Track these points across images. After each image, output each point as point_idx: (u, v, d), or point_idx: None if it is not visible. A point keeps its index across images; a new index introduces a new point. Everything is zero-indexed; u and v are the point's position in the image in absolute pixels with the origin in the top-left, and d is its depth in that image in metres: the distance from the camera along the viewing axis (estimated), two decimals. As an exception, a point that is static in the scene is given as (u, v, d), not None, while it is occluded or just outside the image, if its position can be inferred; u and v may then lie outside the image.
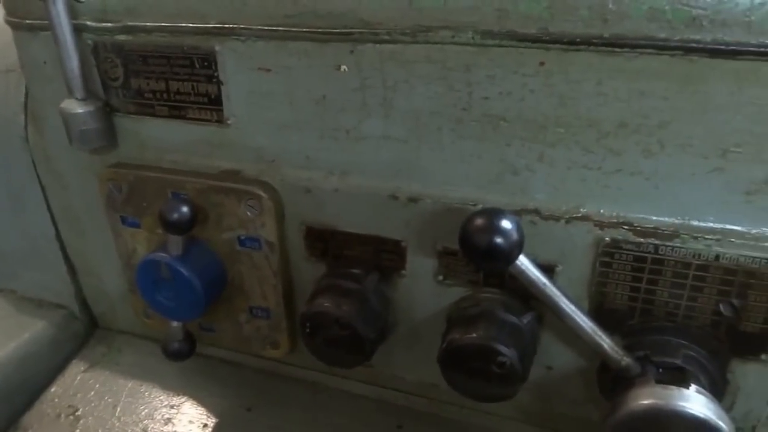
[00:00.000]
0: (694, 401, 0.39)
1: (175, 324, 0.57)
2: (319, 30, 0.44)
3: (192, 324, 0.59)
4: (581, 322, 0.41)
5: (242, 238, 0.53)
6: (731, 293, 0.41)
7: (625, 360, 0.42)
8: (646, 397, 0.40)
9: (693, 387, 0.40)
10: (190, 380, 0.65)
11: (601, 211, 0.42)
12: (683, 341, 0.43)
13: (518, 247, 0.38)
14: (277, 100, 0.48)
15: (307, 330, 0.50)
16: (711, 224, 0.40)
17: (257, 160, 0.51)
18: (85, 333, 0.72)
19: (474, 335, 0.44)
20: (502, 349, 0.43)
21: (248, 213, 0.51)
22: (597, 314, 0.45)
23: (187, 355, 0.58)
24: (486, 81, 0.41)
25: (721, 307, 0.42)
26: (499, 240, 0.37)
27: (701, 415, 0.38)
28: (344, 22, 0.43)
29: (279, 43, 0.45)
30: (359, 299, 0.49)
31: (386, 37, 0.42)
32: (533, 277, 0.40)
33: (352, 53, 0.44)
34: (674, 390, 0.39)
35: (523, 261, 0.39)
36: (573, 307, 0.41)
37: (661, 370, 0.42)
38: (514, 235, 0.38)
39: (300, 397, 0.62)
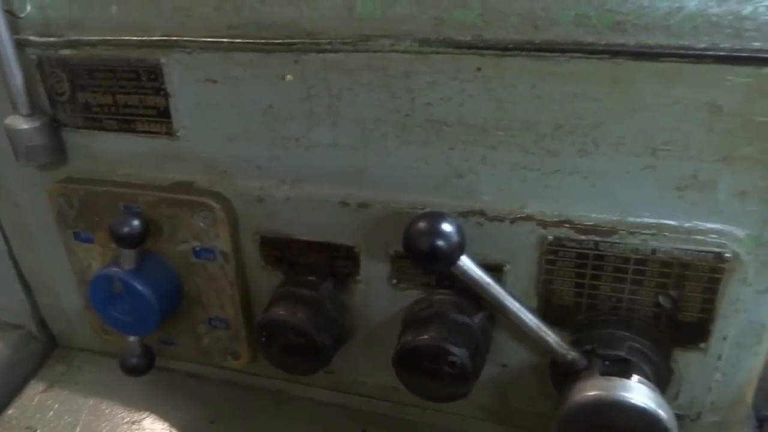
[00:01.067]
0: (636, 391, 0.40)
1: (132, 339, 0.56)
2: (263, 41, 0.44)
3: (151, 338, 0.58)
4: (526, 320, 0.43)
5: (197, 249, 0.53)
6: (669, 285, 0.43)
7: (571, 354, 0.43)
8: (589, 389, 0.41)
9: (635, 377, 0.41)
10: (153, 395, 0.65)
11: (544, 210, 0.43)
12: (627, 334, 0.45)
13: (459, 249, 0.39)
14: (226, 111, 0.48)
15: (264, 339, 0.51)
16: (646, 220, 0.42)
17: (209, 170, 0.51)
18: (43, 352, 0.71)
19: (425, 336, 0.45)
20: (453, 349, 0.44)
21: (202, 224, 0.51)
22: (545, 311, 0.46)
23: (146, 370, 0.58)
24: (427, 87, 0.42)
25: (660, 299, 0.43)
26: (440, 243, 0.38)
27: (642, 404, 0.39)
28: (287, 33, 0.43)
29: (224, 55, 0.46)
30: (314, 306, 0.49)
31: (328, 47, 0.43)
32: (476, 277, 0.41)
33: (297, 63, 0.44)
34: (617, 381, 0.41)
35: (465, 262, 0.40)
36: (517, 305, 0.42)
37: (606, 362, 0.43)
38: (455, 237, 0.39)
39: (263, 406, 0.62)
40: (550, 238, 0.43)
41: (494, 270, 0.45)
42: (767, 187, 0.39)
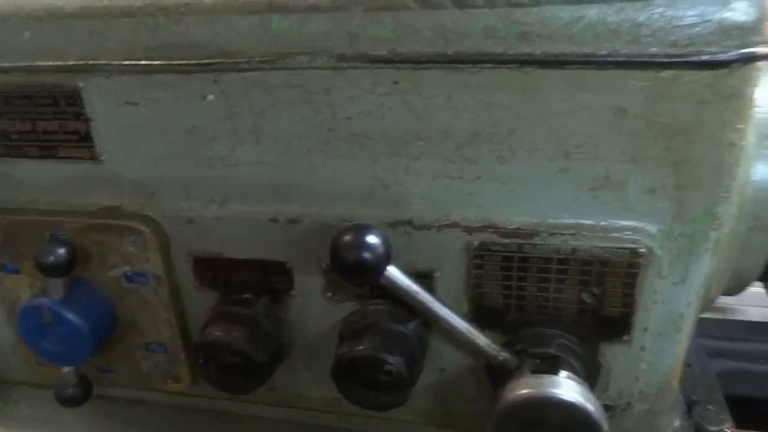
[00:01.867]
0: (564, 387, 0.42)
1: (66, 369, 0.55)
2: (182, 62, 0.44)
3: (88, 366, 0.57)
4: (456, 324, 0.44)
5: (129, 274, 0.52)
6: (591, 282, 0.44)
7: (502, 355, 0.44)
8: (519, 388, 0.42)
9: (564, 373, 0.43)
10: (94, 425, 0.63)
11: (468, 216, 0.45)
12: (555, 331, 0.46)
13: (385, 260, 0.40)
14: (149, 133, 0.48)
15: (201, 360, 0.50)
16: (565, 220, 0.43)
17: (136, 194, 0.50)
18: (-23, 389, 0.68)
19: (360, 347, 0.45)
20: (388, 357, 0.44)
21: (131, 248, 0.51)
22: (477, 314, 0.47)
23: (83, 400, 0.56)
24: (347, 102, 0.43)
25: (584, 296, 0.45)
26: (365, 255, 0.39)
27: (570, 399, 0.41)
28: (205, 53, 0.43)
29: (143, 77, 0.45)
30: (249, 324, 0.49)
31: (247, 66, 0.43)
32: (404, 286, 0.42)
33: (217, 83, 0.44)
34: (545, 378, 0.42)
35: (392, 272, 0.41)
36: (447, 311, 0.43)
37: (537, 360, 0.45)
38: (380, 249, 0.39)
39: (208, 427, 0.62)
40: (476, 243, 0.45)
41: (424, 277, 0.46)
42: (674, 184, 0.41)
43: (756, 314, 0.81)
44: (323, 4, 0.41)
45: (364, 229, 0.40)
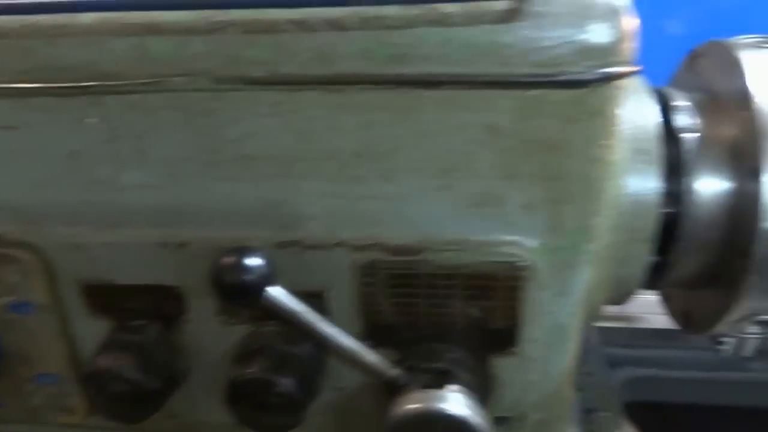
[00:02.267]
0: (451, 401, 0.42)
1: (-53, 407, 0.52)
2: (59, 84, 0.43)
3: (-25, 403, 0.54)
4: (343, 342, 0.44)
5: (12, 304, 0.50)
6: (477, 297, 0.45)
7: (392, 372, 0.45)
8: (408, 403, 0.42)
9: (452, 387, 0.43)
10: (-15, 464, 0.60)
11: (356, 235, 0.45)
12: (446, 346, 0.47)
13: (266, 281, 0.40)
14: (29, 158, 0.46)
15: (92, 390, 0.48)
16: (449, 237, 0.44)
17: (17, 221, 0.48)
18: None
19: (250, 370, 0.44)
20: (278, 379, 0.44)
21: (13, 277, 0.49)
22: (371, 332, 0.47)
23: (-33, 439, 0.53)
24: (229, 124, 0.42)
25: (472, 310, 0.46)
26: (242, 277, 0.39)
27: (456, 413, 0.41)
28: (84, 75, 0.42)
29: (19, 100, 0.44)
30: (140, 351, 0.48)
31: (126, 88, 0.42)
32: (287, 307, 0.42)
33: (97, 105, 0.43)
34: (433, 393, 0.43)
35: (273, 293, 0.41)
36: (333, 330, 0.43)
37: (427, 376, 0.45)
38: (258, 271, 0.39)
39: (109, 460, 0.59)
40: (364, 261, 0.45)
41: (317, 297, 0.46)
42: (549, 200, 0.42)
43: (660, 322, 0.84)
44: (201, 27, 0.41)
45: (242, 251, 0.40)
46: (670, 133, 0.50)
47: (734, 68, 0.48)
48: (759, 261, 0.45)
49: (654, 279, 0.54)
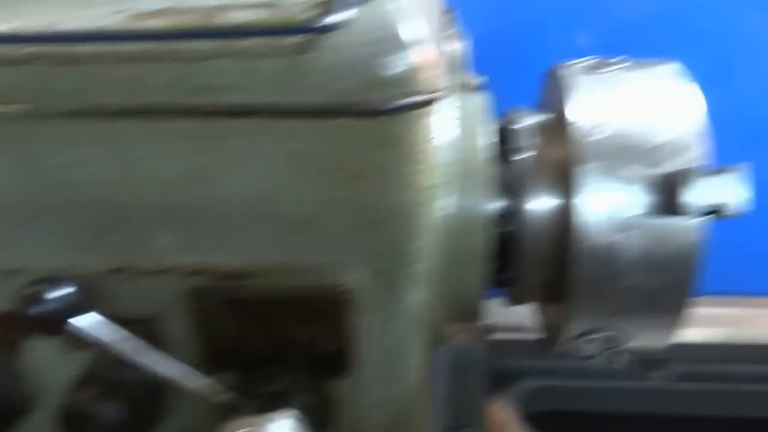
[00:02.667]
0: (276, 425, 0.43)
1: None
2: None
3: None
4: (166, 370, 0.44)
5: None
6: (306, 319, 0.46)
7: (223, 396, 0.45)
8: (231, 429, 0.42)
9: (284, 411, 0.44)
10: None
11: (184, 261, 0.45)
12: (285, 369, 0.47)
13: (71, 312, 0.40)
14: None
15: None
16: (274, 261, 0.44)
17: None
18: None
19: (80, 398, 0.44)
20: (106, 407, 0.44)
21: None
22: (212, 357, 0.48)
23: None
24: (47, 153, 0.42)
25: (305, 333, 0.46)
26: (45, 308, 0.39)
27: (274, 438, 0.42)
28: None
29: None
30: (-23, 380, 0.48)
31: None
32: (98, 336, 0.42)
33: None
34: (259, 417, 0.43)
35: (83, 323, 0.41)
36: (155, 358, 0.44)
37: (261, 399, 0.45)
38: (66, 301, 0.39)
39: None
40: (195, 287, 0.45)
41: (151, 323, 0.46)
42: (366, 224, 0.43)
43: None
44: (11, 58, 0.41)
45: (45, 283, 0.40)
46: (505, 155, 0.51)
47: (564, 91, 0.49)
48: (579, 281, 0.46)
49: (510, 295, 0.55)
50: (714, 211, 0.41)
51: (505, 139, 0.52)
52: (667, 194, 0.42)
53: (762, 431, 0.90)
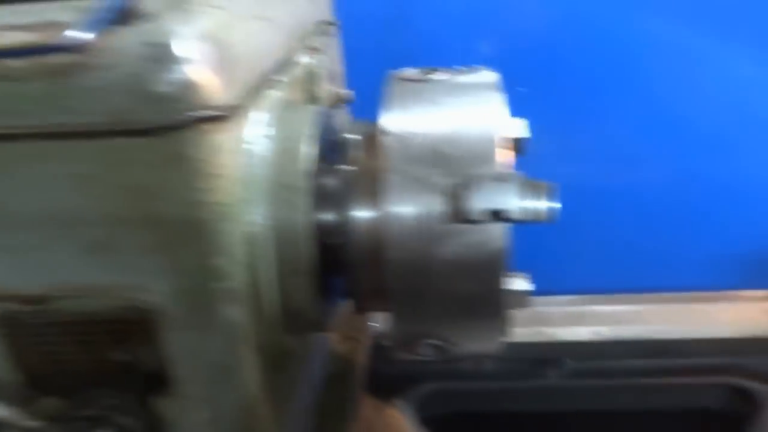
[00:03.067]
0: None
1: None
2: None
3: None
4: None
5: None
6: (122, 341, 0.45)
7: (28, 423, 0.44)
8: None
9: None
10: None
11: (-13, 286, 0.44)
12: (105, 391, 0.47)
13: None
14: None
15: None
16: (74, 284, 0.44)
17: None
18: None
19: None
20: None
21: None
22: (34, 381, 0.47)
23: None
24: None
25: (119, 354, 0.46)
26: None
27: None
28: None
29: None
30: None
31: None
32: None
33: None
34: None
35: None
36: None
37: (83, 422, 0.45)
38: None
39: None
40: (2, 312, 0.44)
41: (-38, 351, 0.45)
42: (162, 243, 0.42)
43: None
44: None
45: None
46: (332, 167, 0.51)
47: (384, 101, 0.49)
48: (395, 289, 0.47)
49: (353, 305, 0.55)
50: (498, 217, 0.41)
51: (335, 151, 0.53)
52: (457, 201, 0.42)
53: (654, 422, 0.92)
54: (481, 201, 0.41)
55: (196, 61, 0.39)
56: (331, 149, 0.53)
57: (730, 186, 1.05)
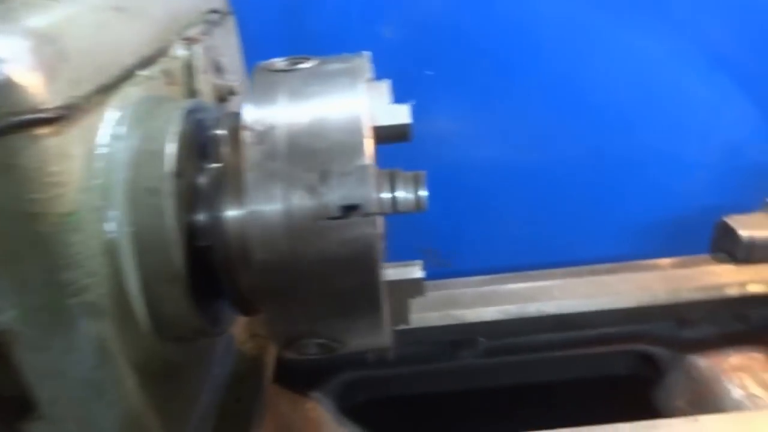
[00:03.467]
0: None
1: None
2: None
3: None
4: None
5: None
6: (-28, 366, 0.42)
7: None
8: None
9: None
10: None
11: None
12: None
13: None
14: None
15: None
16: None
17: None
18: None
19: None
20: None
21: None
22: None
23: None
24: None
25: (-29, 381, 0.43)
26: None
27: None
28: None
29: None
30: None
31: None
32: None
33: None
34: None
35: None
36: None
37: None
38: None
39: None
40: None
41: None
42: (10, 258, 0.39)
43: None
44: None
45: None
46: (200, 166, 0.49)
47: (246, 94, 0.47)
48: (265, 289, 0.45)
49: (237, 308, 0.53)
50: (357, 211, 0.40)
51: (209, 149, 0.50)
52: (316, 197, 0.41)
53: (567, 392, 0.94)
54: (338, 196, 0.39)
55: (18, 60, 0.36)
56: (204, 146, 0.51)
57: (633, 160, 1.08)
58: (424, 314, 0.84)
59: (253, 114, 0.45)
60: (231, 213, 0.47)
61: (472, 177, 1.05)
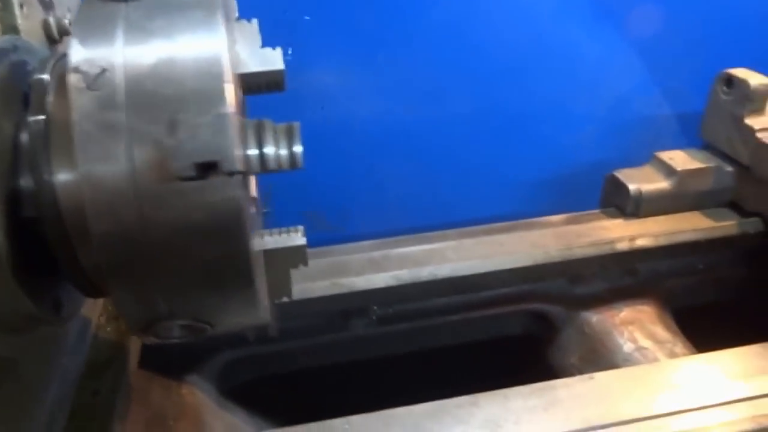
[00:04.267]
0: None
1: None
2: None
3: None
4: None
5: None
6: None
7: None
8: None
9: None
10: None
11: None
12: None
13: None
14: None
15: None
16: None
17: None
18: None
19: None
20: None
21: None
22: None
23: None
24: None
25: None
26: None
27: None
28: None
29: None
30: None
31: None
32: None
33: None
34: None
35: None
36: None
37: None
38: None
39: None
40: None
41: None
42: None
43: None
44: None
45: None
46: (14, 120, 0.39)
47: (74, 29, 0.38)
48: (111, 264, 0.37)
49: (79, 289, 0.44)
50: (215, 170, 0.32)
51: (27, 98, 0.40)
52: (166, 151, 0.33)
53: (464, 355, 0.92)
54: (190, 151, 0.31)
55: None
56: (26, 96, 0.41)
57: (523, 116, 1.06)
58: (311, 284, 0.78)
59: (82, 53, 0.36)
60: (61, 176, 0.38)
61: (358, 134, 0.98)
